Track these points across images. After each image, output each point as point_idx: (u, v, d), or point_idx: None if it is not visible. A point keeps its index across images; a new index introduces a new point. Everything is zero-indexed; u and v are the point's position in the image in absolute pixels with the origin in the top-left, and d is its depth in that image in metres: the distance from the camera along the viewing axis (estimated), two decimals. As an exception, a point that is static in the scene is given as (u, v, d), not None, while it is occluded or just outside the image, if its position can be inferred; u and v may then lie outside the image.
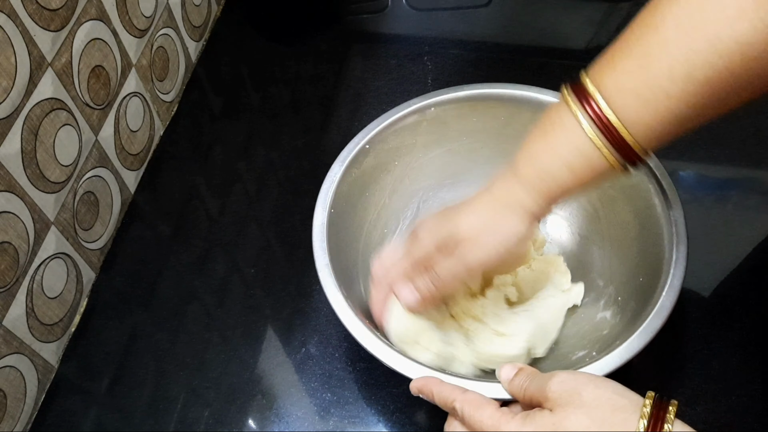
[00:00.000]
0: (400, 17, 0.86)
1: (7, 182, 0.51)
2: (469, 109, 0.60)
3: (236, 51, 0.84)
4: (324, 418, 0.56)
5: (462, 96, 0.60)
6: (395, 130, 0.60)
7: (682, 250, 0.50)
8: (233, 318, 0.62)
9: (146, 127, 0.72)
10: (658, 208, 0.52)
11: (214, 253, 0.66)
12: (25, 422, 0.56)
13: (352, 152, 0.58)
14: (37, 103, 0.54)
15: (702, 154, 0.70)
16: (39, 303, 0.56)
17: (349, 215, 0.58)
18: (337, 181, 0.56)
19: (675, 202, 0.52)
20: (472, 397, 0.43)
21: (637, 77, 0.42)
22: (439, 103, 0.60)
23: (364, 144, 0.58)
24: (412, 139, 0.61)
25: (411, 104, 0.60)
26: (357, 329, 0.48)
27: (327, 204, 0.55)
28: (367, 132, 0.59)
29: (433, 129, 0.61)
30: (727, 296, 0.61)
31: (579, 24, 0.83)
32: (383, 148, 0.60)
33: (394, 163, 0.61)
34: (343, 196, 0.57)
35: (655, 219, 0.53)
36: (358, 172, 0.58)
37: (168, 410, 0.57)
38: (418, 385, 0.46)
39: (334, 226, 0.55)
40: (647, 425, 0.37)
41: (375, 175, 0.60)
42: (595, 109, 0.43)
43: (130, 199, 0.70)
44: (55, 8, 0.55)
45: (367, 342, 0.48)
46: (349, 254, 0.57)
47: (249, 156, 0.73)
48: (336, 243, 0.54)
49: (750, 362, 0.57)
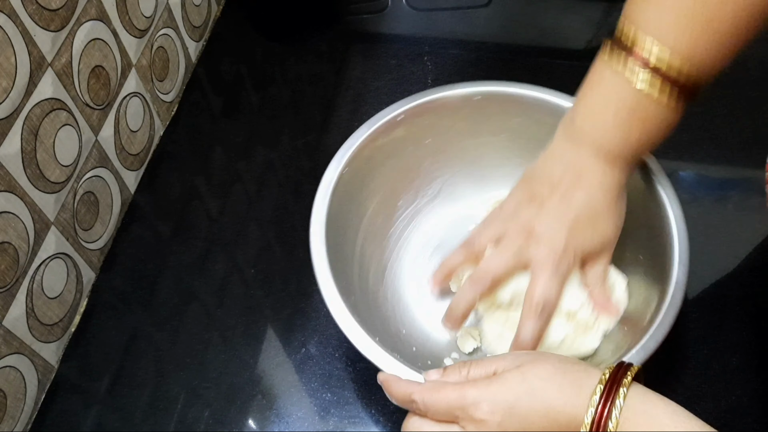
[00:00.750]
0: (400, 17, 0.86)
1: (7, 182, 0.51)
2: (516, 106, 0.59)
3: (236, 51, 0.84)
4: (324, 418, 0.56)
5: (511, 93, 0.59)
6: (435, 107, 0.59)
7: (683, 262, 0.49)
8: (233, 318, 0.62)
9: (146, 127, 0.72)
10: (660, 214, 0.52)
11: (214, 253, 0.66)
12: (25, 422, 0.56)
13: (383, 119, 0.57)
14: (37, 103, 0.54)
15: (702, 154, 0.70)
16: (39, 303, 0.56)
17: (363, 182, 0.58)
18: (359, 143, 0.56)
19: (676, 207, 0.51)
20: (428, 385, 0.43)
21: (680, 9, 0.41)
22: (485, 93, 0.59)
23: (399, 113, 0.58)
24: (450, 122, 0.60)
25: (456, 87, 0.59)
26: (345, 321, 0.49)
27: (342, 162, 0.55)
28: (405, 103, 0.58)
29: (475, 117, 0.60)
30: (727, 296, 0.61)
31: (579, 24, 0.83)
32: (419, 122, 0.59)
33: (425, 141, 0.60)
34: (363, 159, 0.57)
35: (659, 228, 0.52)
36: (385, 140, 0.58)
37: (168, 410, 0.57)
38: (381, 378, 0.46)
39: (342, 191, 0.55)
40: (609, 374, 0.38)
41: (401, 147, 0.59)
42: (643, 57, 0.42)
43: (130, 199, 0.70)
44: (55, 8, 0.55)
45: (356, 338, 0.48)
46: (351, 222, 0.57)
47: (249, 156, 0.73)
48: (339, 209, 0.54)
49: (750, 362, 0.57)
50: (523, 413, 0.39)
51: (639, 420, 0.37)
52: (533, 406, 0.39)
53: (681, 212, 0.51)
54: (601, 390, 0.37)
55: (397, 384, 0.44)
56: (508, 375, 0.40)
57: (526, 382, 0.39)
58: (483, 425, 0.39)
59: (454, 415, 0.41)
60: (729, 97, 0.73)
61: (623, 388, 0.37)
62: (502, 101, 0.59)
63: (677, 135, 0.48)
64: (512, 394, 0.39)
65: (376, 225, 0.60)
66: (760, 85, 0.74)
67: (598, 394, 0.37)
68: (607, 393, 0.37)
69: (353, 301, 0.51)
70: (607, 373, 0.38)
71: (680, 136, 0.70)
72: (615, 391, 0.37)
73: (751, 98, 0.73)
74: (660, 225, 0.52)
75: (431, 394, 0.42)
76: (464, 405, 0.40)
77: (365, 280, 0.57)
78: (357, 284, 0.55)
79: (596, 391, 0.37)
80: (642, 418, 0.37)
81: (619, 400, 0.37)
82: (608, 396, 0.37)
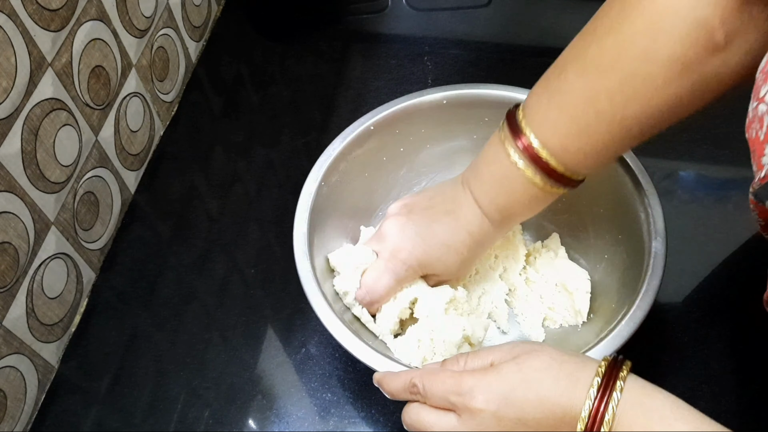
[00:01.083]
0: (400, 17, 0.86)
1: (7, 182, 0.51)
2: (484, 107, 0.60)
3: (236, 51, 0.84)
4: (324, 418, 0.56)
5: (477, 94, 0.60)
6: (404, 115, 0.60)
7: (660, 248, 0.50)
8: (233, 318, 0.62)
9: (146, 127, 0.72)
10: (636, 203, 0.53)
11: (214, 253, 0.66)
12: (25, 422, 0.56)
13: (357, 130, 0.58)
14: (37, 103, 0.54)
15: (702, 154, 0.70)
16: (39, 303, 0.56)
17: (343, 192, 0.58)
18: (333, 156, 0.57)
19: (652, 196, 0.53)
20: (428, 368, 0.44)
21: (566, 124, 0.46)
22: (452, 97, 0.60)
23: (369, 125, 0.58)
24: (422, 129, 0.61)
25: (423, 93, 0.60)
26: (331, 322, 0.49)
27: (319, 176, 0.56)
28: (374, 114, 0.59)
29: (444, 121, 0.61)
30: (727, 296, 0.61)
31: (579, 24, 0.82)
32: (390, 131, 0.60)
33: (399, 149, 0.61)
34: (340, 173, 0.58)
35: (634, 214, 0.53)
36: (359, 152, 0.58)
37: (168, 410, 0.57)
38: (377, 377, 0.47)
39: (321, 204, 0.56)
40: (606, 367, 0.38)
41: (375, 157, 0.60)
42: (528, 147, 0.47)
43: (130, 199, 0.70)
44: (55, 8, 0.55)
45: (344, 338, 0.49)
46: (333, 234, 0.57)
47: (249, 156, 0.73)
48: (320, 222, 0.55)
49: (749, 362, 0.57)
50: (519, 403, 0.39)
51: (637, 412, 0.37)
52: (528, 397, 0.39)
53: (654, 189, 0.52)
54: (598, 383, 0.38)
55: (395, 376, 0.45)
56: (504, 366, 0.41)
57: (522, 372, 0.40)
58: (478, 414, 0.40)
59: (450, 402, 0.41)
60: (729, 97, 0.73)
61: (620, 381, 0.38)
62: (469, 103, 0.60)
63: (677, 135, 0.48)
64: (508, 384, 0.40)
65: (357, 235, 0.60)
66: (760, 85, 0.74)
67: (596, 386, 0.38)
68: (605, 386, 0.37)
69: (340, 308, 0.52)
70: (604, 366, 0.39)
71: (680, 136, 0.71)
72: (612, 384, 0.37)
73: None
74: (635, 204, 0.53)
75: (430, 377, 0.43)
76: (461, 392, 0.40)
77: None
78: None
79: (593, 383, 0.38)
80: (640, 410, 0.37)
81: (616, 393, 0.37)
82: (605, 389, 0.37)
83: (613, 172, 0.55)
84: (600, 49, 0.44)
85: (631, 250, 0.53)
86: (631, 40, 0.42)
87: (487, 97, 0.59)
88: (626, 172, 0.54)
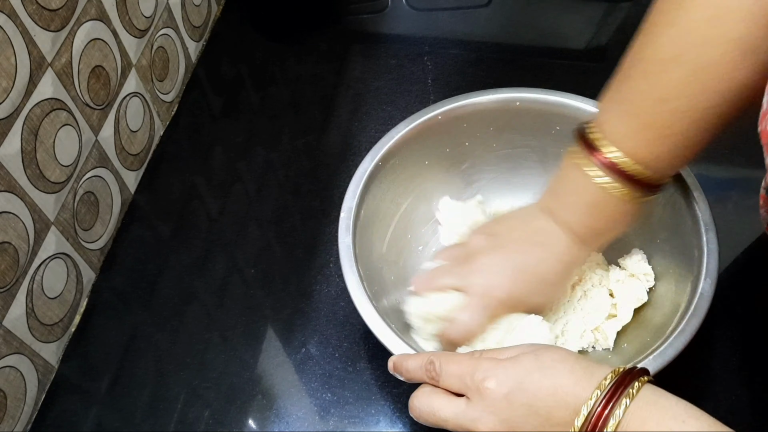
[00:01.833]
0: (400, 17, 0.86)
1: (7, 182, 0.51)
2: (556, 115, 0.59)
3: (236, 51, 0.84)
4: (324, 418, 0.56)
5: (552, 101, 0.59)
6: (474, 111, 0.59)
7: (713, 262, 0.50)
8: (233, 318, 0.62)
9: (146, 127, 0.72)
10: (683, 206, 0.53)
11: (214, 253, 0.66)
12: (25, 422, 0.56)
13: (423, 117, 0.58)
14: (37, 103, 0.54)
15: (702, 154, 0.70)
16: (39, 303, 0.56)
17: (398, 178, 0.58)
18: (396, 138, 0.56)
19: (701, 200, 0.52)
20: (444, 352, 0.45)
21: (644, 132, 0.45)
22: (525, 99, 0.59)
23: (438, 114, 0.58)
24: (490, 127, 0.60)
25: (495, 92, 0.59)
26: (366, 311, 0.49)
27: (377, 155, 0.55)
28: (446, 103, 0.58)
29: (513, 123, 0.60)
30: (727, 296, 0.61)
31: (579, 24, 0.83)
32: (457, 124, 0.59)
33: (464, 143, 0.61)
34: (400, 156, 0.57)
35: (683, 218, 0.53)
36: (423, 139, 0.58)
37: (168, 410, 0.57)
38: (394, 361, 0.47)
39: (376, 181, 0.55)
40: (623, 370, 0.38)
41: (440, 147, 0.60)
42: (604, 159, 0.46)
43: (130, 199, 0.70)
44: (55, 8, 0.55)
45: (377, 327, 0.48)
46: (382, 216, 0.57)
47: (249, 156, 0.73)
48: (370, 201, 0.55)
49: (750, 362, 0.57)
50: (532, 389, 0.39)
51: (651, 410, 0.36)
52: (543, 383, 0.39)
53: (712, 221, 0.51)
54: (612, 377, 0.37)
55: (412, 356, 0.45)
56: (522, 356, 0.41)
57: (539, 361, 0.40)
58: (489, 396, 0.39)
59: (464, 383, 0.41)
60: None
61: (637, 382, 0.37)
62: (542, 109, 0.59)
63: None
64: (523, 370, 0.40)
65: (406, 222, 0.60)
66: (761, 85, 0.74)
67: (609, 379, 0.37)
68: (616, 387, 0.37)
69: (374, 290, 0.52)
70: (620, 370, 0.38)
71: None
72: (629, 382, 0.37)
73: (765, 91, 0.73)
74: (691, 237, 0.52)
75: (448, 357, 0.43)
76: (475, 373, 0.40)
77: (387, 273, 0.57)
78: (378, 277, 0.56)
79: (608, 377, 0.38)
80: (654, 408, 0.37)
81: (631, 389, 0.37)
82: (616, 390, 0.37)
83: (675, 200, 0.54)
84: (660, 45, 0.43)
85: (677, 287, 0.52)
86: (691, 29, 0.41)
87: (561, 105, 0.58)
88: (685, 201, 0.53)
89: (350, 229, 0.52)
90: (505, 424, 0.39)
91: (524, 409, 0.39)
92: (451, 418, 0.41)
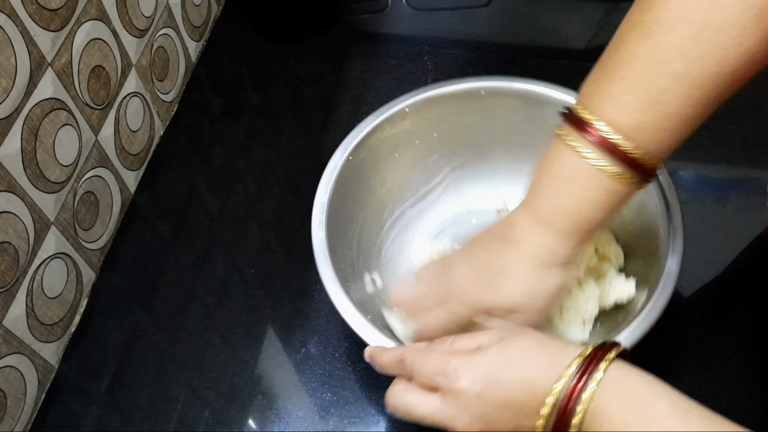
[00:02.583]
0: (400, 17, 0.86)
1: (7, 182, 0.51)
2: (522, 102, 0.59)
3: (236, 51, 0.84)
4: (324, 418, 0.56)
5: (517, 88, 0.59)
6: (441, 101, 0.59)
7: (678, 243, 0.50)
8: (233, 318, 0.62)
9: (146, 127, 0.72)
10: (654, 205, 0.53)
11: (214, 253, 0.66)
12: (25, 422, 0.56)
13: (391, 111, 0.58)
14: (37, 103, 0.54)
15: (702, 154, 0.70)
16: (39, 303, 0.56)
17: (369, 172, 0.58)
18: (365, 132, 0.57)
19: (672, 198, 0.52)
20: (417, 346, 0.45)
21: (635, 95, 0.41)
22: (490, 88, 0.59)
23: (405, 107, 0.58)
24: (457, 117, 0.60)
25: (462, 81, 0.59)
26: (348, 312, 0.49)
27: (348, 150, 0.56)
28: (410, 96, 0.59)
29: (481, 112, 0.60)
30: (726, 296, 0.61)
31: (579, 24, 0.83)
32: (425, 116, 0.59)
33: (432, 135, 0.61)
34: (369, 149, 0.57)
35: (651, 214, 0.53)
36: (391, 132, 0.59)
37: (168, 410, 0.57)
38: (368, 350, 0.47)
39: (345, 178, 0.55)
40: (591, 350, 0.38)
41: (407, 139, 0.60)
42: (597, 135, 0.42)
43: (130, 199, 0.70)
44: (55, 8, 0.55)
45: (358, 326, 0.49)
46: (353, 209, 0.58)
47: (249, 156, 0.73)
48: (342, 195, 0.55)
49: (750, 362, 0.57)
50: (503, 385, 0.39)
51: (614, 391, 0.37)
52: (512, 378, 0.39)
53: (678, 204, 0.52)
54: (579, 363, 0.38)
55: (386, 350, 0.46)
56: (490, 348, 0.41)
57: (506, 354, 0.40)
58: (462, 395, 0.40)
59: (435, 381, 0.41)
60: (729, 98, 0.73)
61: (605, 362, 0.37)
62: (507, 96, 0.59)
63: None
64: (493, 366, 0.40)
65: (378, 214, 0.60)
66: (761, 85, 0.74)
67: (575, 366, 0.37)
68: (586, 366, 0.37)
69: (348, 287, 0.52)
70: (590, 350, 0.38)
71: (680, 136, 0.71)
72: (595, 365, 0.37)
73: (751, 98, 0.73)
74: (656, 217, 0.52)
75: (419, 355, 0.43)
76: (446, 372, 0.41)
77: (360, 263, 0.58)
78: (353, 268, 0.56)
79: (572, 364, 0.38)
80: (617, 388, 0.37)
81: (597, 374, 0.37)
82: (586, 369, 0.37)
83: None
84: (663, 5, 0.39)
85: (646, 264, 0.53)
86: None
87: (525, 92, 0.58)
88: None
89: (323, 224, 0.53)
90: (481, 420, 0.40)
91: (497, 404, 0.39)
92: (428, 415, 0.42)
